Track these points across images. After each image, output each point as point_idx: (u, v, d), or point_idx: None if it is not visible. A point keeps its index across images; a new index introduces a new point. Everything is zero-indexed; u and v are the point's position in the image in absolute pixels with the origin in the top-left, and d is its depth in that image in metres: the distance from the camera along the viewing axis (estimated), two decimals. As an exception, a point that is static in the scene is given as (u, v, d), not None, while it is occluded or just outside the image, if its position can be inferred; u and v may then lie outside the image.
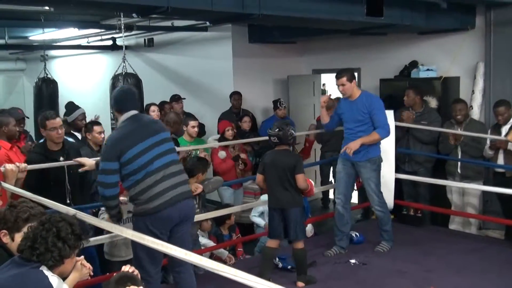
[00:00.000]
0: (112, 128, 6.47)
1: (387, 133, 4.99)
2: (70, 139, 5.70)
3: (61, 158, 4.49)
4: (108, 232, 4.04)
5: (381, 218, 5.29)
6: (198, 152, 5.72)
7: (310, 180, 4.70)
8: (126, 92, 3.95)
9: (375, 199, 5.17)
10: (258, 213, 5.89)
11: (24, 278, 2.23)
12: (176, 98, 7.50)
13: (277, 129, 4.46)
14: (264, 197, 6.02)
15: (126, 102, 3.81)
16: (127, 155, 3.55)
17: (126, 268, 2.60)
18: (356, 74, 8.38)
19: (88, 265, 2.51)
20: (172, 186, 3.64)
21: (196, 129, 5.92)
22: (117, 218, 3.77)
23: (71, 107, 6.61)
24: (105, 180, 3.59)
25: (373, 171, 5.07)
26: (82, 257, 2.50)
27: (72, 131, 6.10)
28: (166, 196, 3.58)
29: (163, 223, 3.61)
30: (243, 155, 6.48)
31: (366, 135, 4.93)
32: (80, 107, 6.52)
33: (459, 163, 5.99)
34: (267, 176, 4.55)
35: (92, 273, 2.61)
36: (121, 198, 4.53)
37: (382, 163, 5.14)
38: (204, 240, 5.29)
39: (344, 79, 4.99)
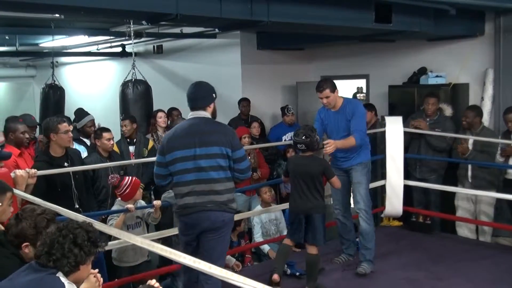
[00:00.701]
0: (121, 135, 6.50)
1: (361, 140, 4.77)
2: (80, 146, 5.76)
3: (66, 164, 4.52)
4: (116, 238, 4.05)
5: (365, 232, 4.89)
6: None
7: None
8: (195, 89, 3.81)
9: (362, 207, 4.91)
10: (259, 228, 5.86)
11: (40, 284, 2.25)
12: None
13: (304, 136, 4.40)
14: (260, 207, 5.94)
15: (192, 100, 3.79)
16: (168, 157, 3.70)
17: (152, 282, 2.61)
18: (364, 80, 8.50)
19: (101, 279, 2.52)
20: (196, 203, 3.64)
21: None
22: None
23: (81, 113, 6.65)
24: (155, 171, 3.86)
25: (364, 175, 4.96)
26: (97, 270, 2.51)
27: (81, 137, 6.14)
28: (189, 210, 3.67)
29: (187, 228, 3.75)
30: (261, 171, 6.51)
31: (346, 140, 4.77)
32: (89, 114, 6.56)
33: (469, 173, 5.93)
34: (292, 182, 4.56)
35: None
36: (129, 206, 4.57)
37: (389, 170, 5.04)
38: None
39: (327, 91, 4.69)
